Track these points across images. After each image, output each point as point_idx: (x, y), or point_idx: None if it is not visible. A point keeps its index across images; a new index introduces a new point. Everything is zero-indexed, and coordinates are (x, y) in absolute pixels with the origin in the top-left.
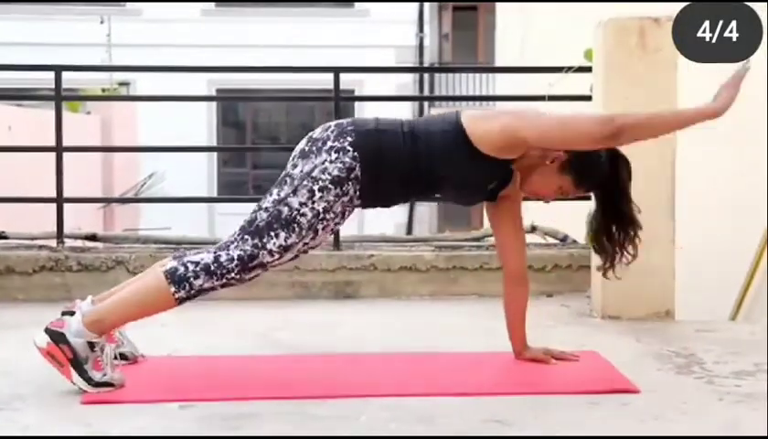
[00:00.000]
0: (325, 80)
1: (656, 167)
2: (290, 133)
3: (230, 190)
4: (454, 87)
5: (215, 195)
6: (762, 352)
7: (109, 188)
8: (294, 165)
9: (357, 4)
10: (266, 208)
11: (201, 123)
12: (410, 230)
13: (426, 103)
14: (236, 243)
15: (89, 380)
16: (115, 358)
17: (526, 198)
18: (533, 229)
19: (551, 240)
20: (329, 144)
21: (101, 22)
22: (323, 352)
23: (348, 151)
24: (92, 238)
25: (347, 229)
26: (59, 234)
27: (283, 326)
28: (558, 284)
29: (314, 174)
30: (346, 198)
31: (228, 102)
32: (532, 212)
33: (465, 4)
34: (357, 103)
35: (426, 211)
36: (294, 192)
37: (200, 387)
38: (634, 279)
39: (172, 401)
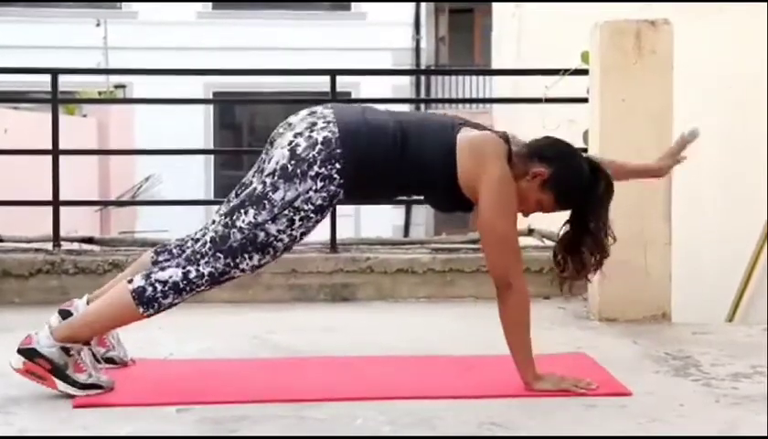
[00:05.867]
0: (322, 83)
1: None
2: None
3: (227, 193)
4: (451, 89)
5: (211, 197)
6: (758, 354)
7: (105, 191)
8: (275, 187)
9: (353, 7)
10: (240, 228)
11: (198, 126)
12: (406, 232)
13: (423, 106)
14: (207, 260)
15: (74, 384)
16: (100, 362)
17: None
18: (530, 231)
19: (549, 243)
20: (315, 169)
21: (98, 25)
22: (319, 355)
23: (335, 179)
24: (89, 241)
25: (344, 231)
26: (56, 237)
27: (280, 328)
28: (555, 287)
29: (296, 204)
30: (323, 219)
31: (224, 105)
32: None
33: (461, 6)
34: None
35: (423, 214)
36: (273, 220)
37: (197, 390)
38: (630, 281)
39: (169, 405)
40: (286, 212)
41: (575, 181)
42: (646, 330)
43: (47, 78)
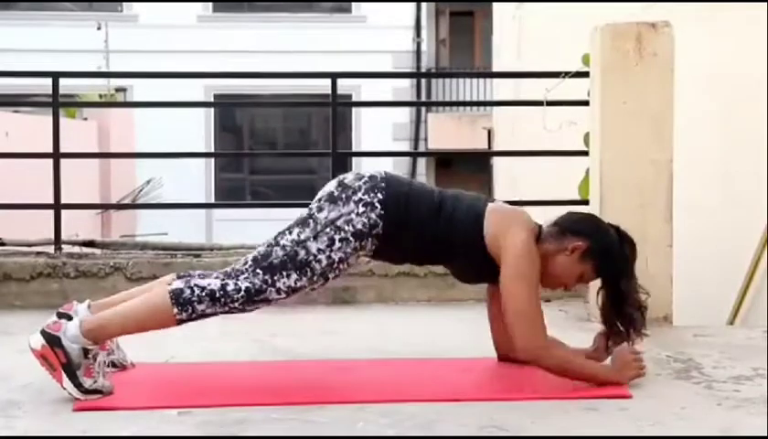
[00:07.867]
0: (323, 86)
1: (652, 173)
2: (287, 138)
3: (228, 196)
4: (451, 92)
5: (212, 200)
6: (760, 356)
7: (106, 194)
8: (320, 208)
9: (354, 9)
10: (283, 246)
11: (198, 129)
12: None
13: (423, 108)
14: (246, 274)
15: (79, 386)
16: (109, 366)
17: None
18: None
19: None
20: (359, 195)
21: (98, 28)
22: (321, 358)
23: (376, 208)
24: (90, 244)
25: None
26: (57, 240)
27: (281, 332)
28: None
29: (338, 223)
30: (362, 253)
31: (225, 108)
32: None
33: (462, 9)
34: (354, 108)
35: None
36: (315, 237)
37: (198, 393)
38: None
39: (170, 408)
40: (328, 230)
41: (611, 249)
42: (648, 333)
43: (47, 81)
